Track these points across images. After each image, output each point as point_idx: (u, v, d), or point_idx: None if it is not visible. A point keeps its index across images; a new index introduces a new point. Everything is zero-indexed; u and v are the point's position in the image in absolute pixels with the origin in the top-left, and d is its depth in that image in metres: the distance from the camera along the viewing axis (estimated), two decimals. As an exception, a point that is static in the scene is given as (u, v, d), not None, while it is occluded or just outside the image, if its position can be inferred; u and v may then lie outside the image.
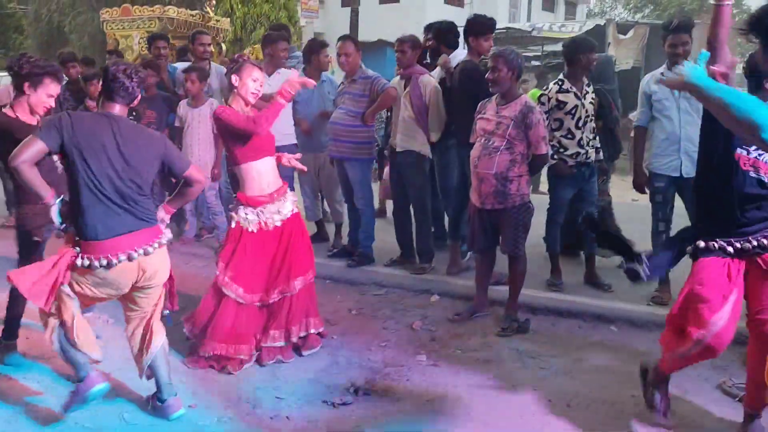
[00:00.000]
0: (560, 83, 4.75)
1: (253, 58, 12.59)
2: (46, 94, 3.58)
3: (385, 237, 5.85)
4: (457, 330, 4.31)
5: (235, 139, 3.62)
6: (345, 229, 6.06)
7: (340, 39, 5.36)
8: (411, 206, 5.39)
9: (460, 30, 5.33)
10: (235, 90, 3.65)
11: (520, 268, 4.26)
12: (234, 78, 3.62)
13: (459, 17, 22.28)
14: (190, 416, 3.22)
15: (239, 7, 17.20)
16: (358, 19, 18.08)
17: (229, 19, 15.26)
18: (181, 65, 6.65)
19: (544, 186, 7.28)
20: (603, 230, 3.49)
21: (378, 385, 3.57)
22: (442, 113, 5.09)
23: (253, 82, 3.63)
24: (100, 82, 6.10)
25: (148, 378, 3.23)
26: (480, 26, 5.03)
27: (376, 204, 6.25)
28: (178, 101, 6.07)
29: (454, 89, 4.96)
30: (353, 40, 5.34)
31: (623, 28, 14.55)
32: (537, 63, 16.12)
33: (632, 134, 6.18)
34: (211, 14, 13.44)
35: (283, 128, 5.61)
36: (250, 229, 3.72)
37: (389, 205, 6.14)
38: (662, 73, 4.53)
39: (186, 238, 6.24)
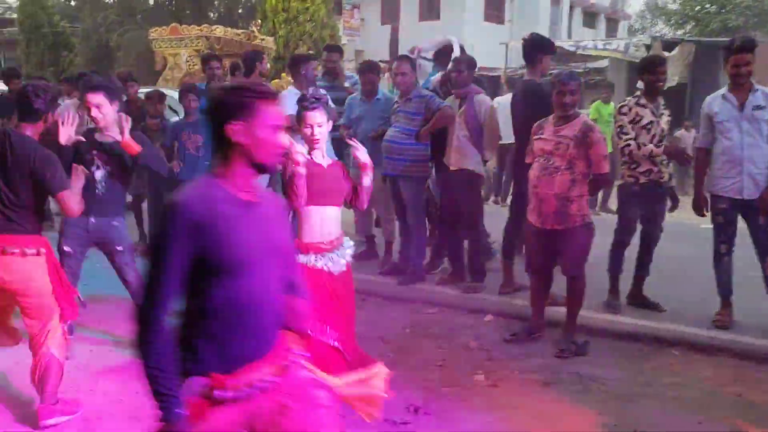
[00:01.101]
0: (637, 98, 4.70)
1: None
2: None
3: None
4: (513, 351, 4.27)
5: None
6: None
7: (396, 58, 5.41)
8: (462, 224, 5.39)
9: (502, 46, 5.37)
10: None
11: (580, 289, 4.20)
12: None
13: (498, 34, 22.45)
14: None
15: (282, 26, 17.50)
16: (398, 36, 18.25)
17: (273, 37, 15.56)
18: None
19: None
20: None
21: (437, 405, 3.56)
22: (496, 132, 5.10)
23: (309, 128, 3.36)
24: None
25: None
26: (550, 44, 5.03)
27: None
28: None
29: (515, 109, 4.96)
30: (409, 60, 5.39)
31: (669, 45, 14.39)
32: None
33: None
34: (257, 33, 13.70)
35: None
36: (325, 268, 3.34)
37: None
38: (724, 95, 4.45)
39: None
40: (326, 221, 3.38)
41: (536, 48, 5.02)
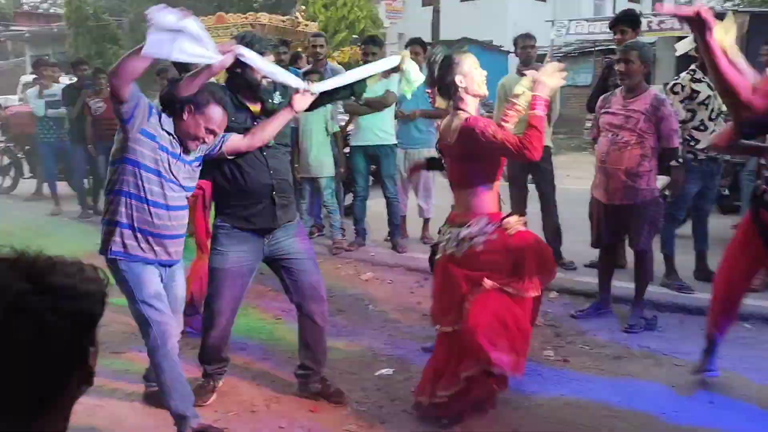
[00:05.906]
0: (692, 72, 4.57)
1: (340, 59, 12.82)
2: None
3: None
4: (581, 326, 4.30)
5: (491, 157, 2.95)
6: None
7: None
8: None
9: (545, 24, 5.21)
10: (463, 89, 2.95)
11: (648, 265, 4.20)
12: (458, 78, 2.93)
13: (541, 12, 22.01)
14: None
15: (321, 11, 17.61)
16: (440, 18, 18.12)
17: (315, 23, 15.66)
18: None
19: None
20: None
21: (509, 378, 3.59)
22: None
23: (478, 70, 2.97)
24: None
25: None
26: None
27: None
28: None
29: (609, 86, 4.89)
30: None
31: (719, 17, 14.03)
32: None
33: None
34: (301, 20, 13.78)
35: (385, 126, 5.83)
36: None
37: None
38: None
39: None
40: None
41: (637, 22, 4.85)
